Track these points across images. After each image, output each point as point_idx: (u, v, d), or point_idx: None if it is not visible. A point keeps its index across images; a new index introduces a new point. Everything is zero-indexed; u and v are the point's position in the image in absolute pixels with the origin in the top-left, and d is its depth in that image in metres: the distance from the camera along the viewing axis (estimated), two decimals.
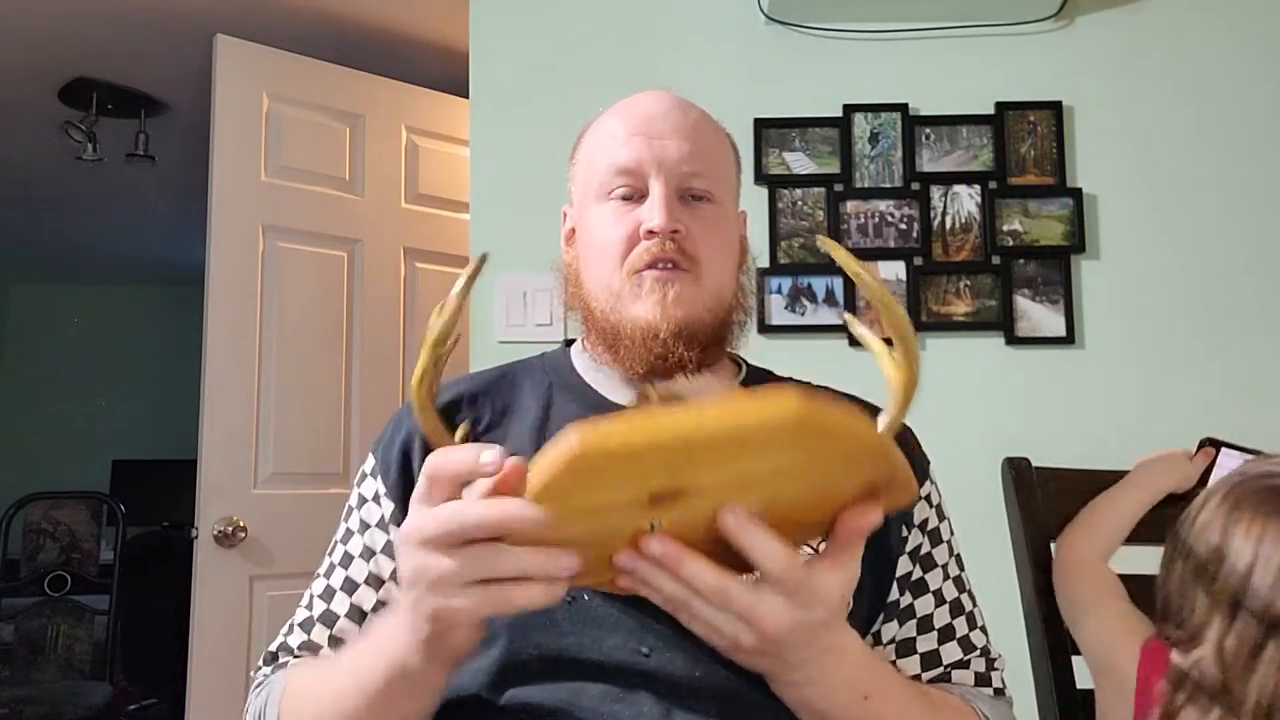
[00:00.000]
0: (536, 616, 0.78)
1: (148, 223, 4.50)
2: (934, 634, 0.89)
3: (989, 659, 0.90)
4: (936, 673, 0.88)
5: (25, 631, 3.27)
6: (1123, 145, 1.97)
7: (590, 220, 0.92)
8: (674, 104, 0.93)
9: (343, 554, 0.90)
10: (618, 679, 0.78)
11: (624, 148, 0.90)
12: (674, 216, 0.87)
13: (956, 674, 0.88)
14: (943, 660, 0.88)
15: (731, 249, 0.93)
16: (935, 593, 0.90)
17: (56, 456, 5.11)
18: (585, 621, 0.79)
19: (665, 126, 0.90)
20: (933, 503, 0.94)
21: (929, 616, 0.89)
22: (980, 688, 0.89)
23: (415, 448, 0.89)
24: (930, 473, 0.95)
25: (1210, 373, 1.90)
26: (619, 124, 0.92)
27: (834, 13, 1.97)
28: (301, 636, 0.87)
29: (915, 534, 0.91)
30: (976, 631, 0.91)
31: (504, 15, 2.02)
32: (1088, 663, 1.06)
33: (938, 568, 0.91)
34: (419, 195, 2.69)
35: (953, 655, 0.89)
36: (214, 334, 2.36)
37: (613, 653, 0.78)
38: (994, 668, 0.91)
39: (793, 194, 1.94)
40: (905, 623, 0.89)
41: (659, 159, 0.89)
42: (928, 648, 0.88)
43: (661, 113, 0.91)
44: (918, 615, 0.89)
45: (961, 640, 0.89)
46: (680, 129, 0.90)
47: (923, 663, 0.88)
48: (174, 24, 2.59)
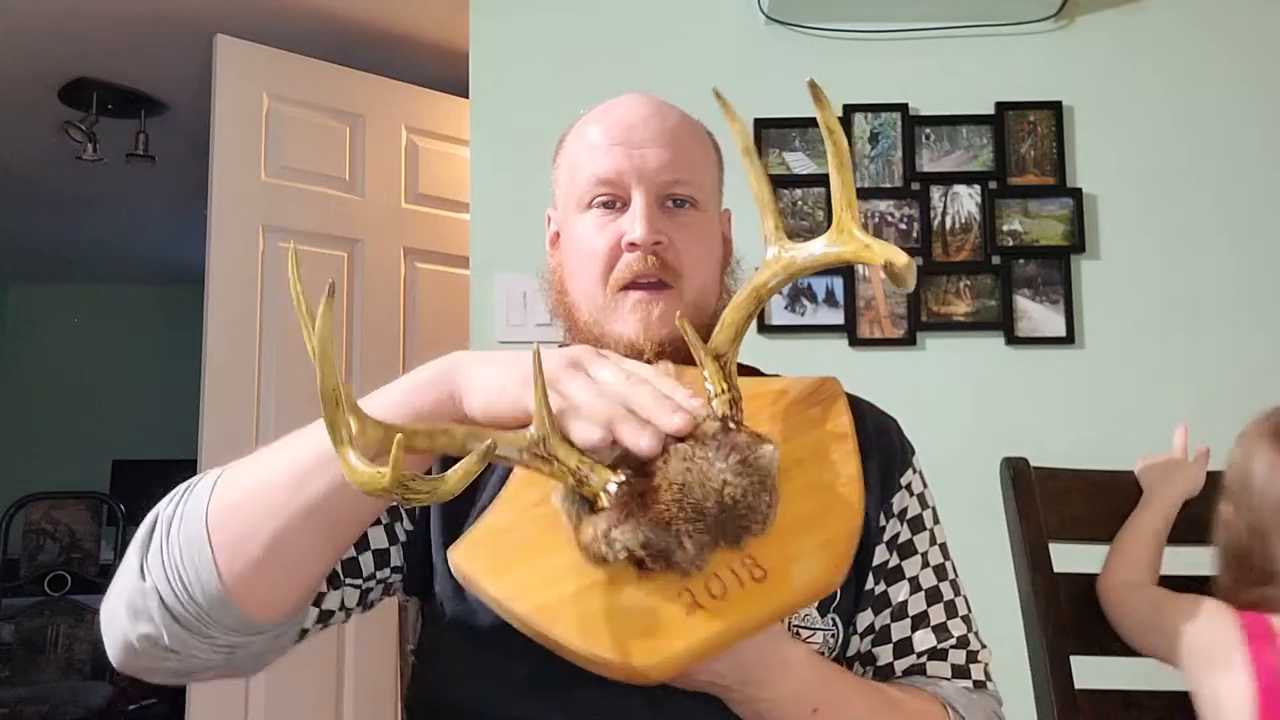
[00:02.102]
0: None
1: (148, 223, 4.50)
2: (907, 621, 0.88)
3: (969, 651, 0.89)
4: (910, 661, 0.88)
5: (25, 631, 3.28)
6: (1123, 145, 1.97)
7: (573, 229, 0.93)
8: (653, 110, 0.93)
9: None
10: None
11: (604, 157, 0.90)
12: (655, 228, 0.88)
13: (932, 665, 0.87)
14: (915, 648, 0.88)
15: (714, 254, 0.94)
16: (911, 580, 0.90)
17: (56, 456, 5.11)
18: None
19: (645, 135, 0.91)
20: (914, 491, 0.94)
21: (904, 604, 0.89)
22: (958, 679, 0.87)
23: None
24: (914, 462, 0.95)
25: (1210, 373, 1.90)
26: (599, 132, 0.92)
27: (834, 13, 1.97)
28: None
29: (894, 523, 0.91)
30: (956, 620, 0.90)
31: (504, 15, 2.02)
32: (1180, 663, 1.03)
33: (916, 555, 0.91)
34: (419, 195, 2.69)
35: (925, 643, 0.88)
36: (214, 334, 2.35)
37: None
38: (975, 660, 0.89)
39: (793, 194, 1.94)
40: (880, 611, 0.89)
41: (639, 169, 0.89)
42: (901, 635, 0.88)
43: (641, 120, 0.92)
44: (892, 603, 0.89)
45: (937, 628, 0.88)
46: (659, 136, 0.91)
47: (895, 651, 0.88)
48: (174, 24, 2.59)
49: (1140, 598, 1.09)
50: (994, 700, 0.89)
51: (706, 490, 0.62)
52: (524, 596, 0.65)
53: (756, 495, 0.63)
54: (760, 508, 0.63)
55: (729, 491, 0.62)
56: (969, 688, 0.87)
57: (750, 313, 0.72)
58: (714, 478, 0.62)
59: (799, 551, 0.66)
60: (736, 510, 0.62)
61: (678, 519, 0.62)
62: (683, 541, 0.62)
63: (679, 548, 0.62)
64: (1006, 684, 0.92)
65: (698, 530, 0.62)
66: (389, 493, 0.59)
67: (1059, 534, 1.18)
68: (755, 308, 0.72)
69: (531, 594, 0.65)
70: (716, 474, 0.62)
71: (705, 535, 0.62)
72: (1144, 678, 1.14)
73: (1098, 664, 1.14)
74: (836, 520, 0.68)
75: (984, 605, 0.95)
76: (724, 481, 0.62)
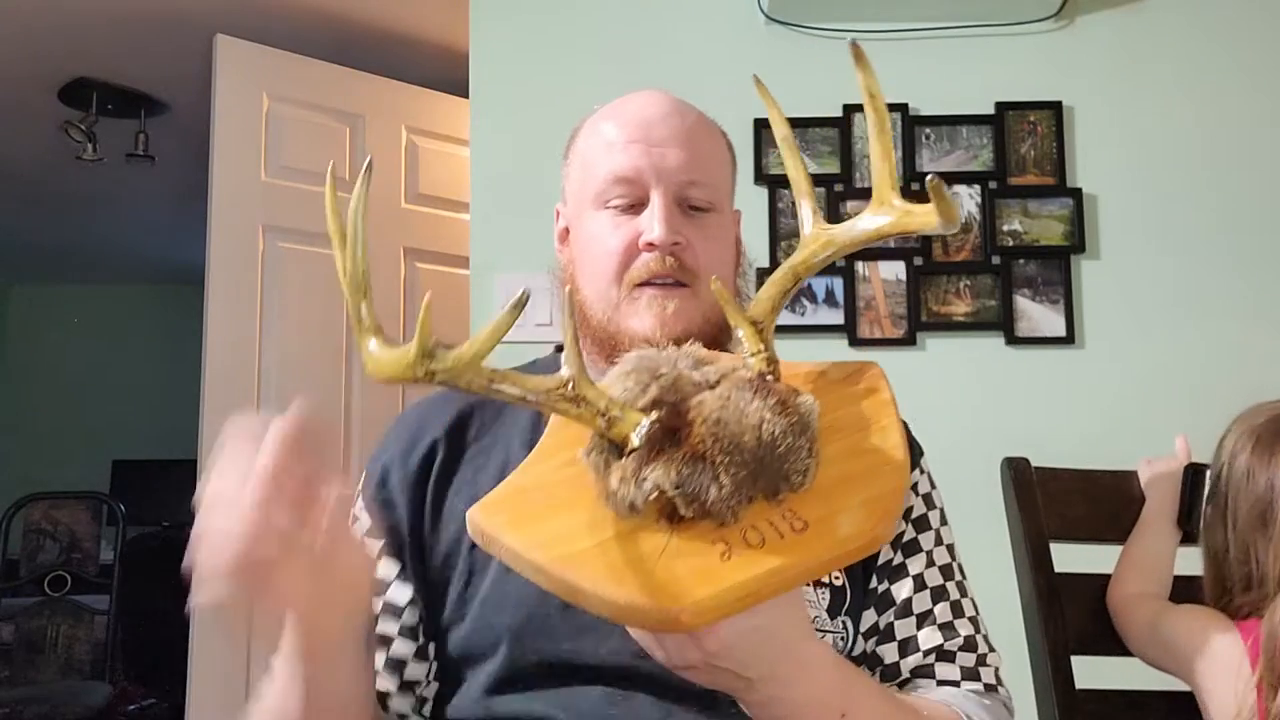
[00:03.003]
0: (532, 624, 0.79)
1: (148, 223, 4.50)
2: (912, 619, 0.86)
3: (979, 654, 0.87)
4: (916, 660, 0.86)
5: (25, 631, 3.27)
6: (1123, 145, 1.97)
7: (587, 227, 0.91)
8: (672, 108, 0.91)
9: None
10: (616, 682, 0.78)
11: (622, 155, 0.88)
12: (674, 229, 0.86)
13: (940, 667, 0.85)
14: (920, 646, 0.86)
15: (729, 257, 0.93)
16: (915, 578, 0.88)
17: (56, 456, 5.11)
18: (581, 627, 0.78)
19: (664, 133, 0.89)
20: (919, 491, 0.92)
21: (908, 601, 0.87)
22: (968, 682, 0.85)
23: (393, 476, 0.88)
24: (922, 463, 0.93)
25: (1210, 372, 1.90)
26: (616, 129, 0.90)
27: (834, 13, 1.97)
28: None
29: (899, 522, 0.89)
30: (964, 621, 0.88)
31: (504, 15, 2.02)
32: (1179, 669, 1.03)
33: (921, 553, 0.89)
34: (419, 195, 2.69)
35: (931, 641, 0.86)
36: (214, 334, 2.36)
37: (609, 657, 0.78)
38: (984, 663, 0.87)
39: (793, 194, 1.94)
40: (884, 610, 0.87)
41: (658, 168, 0.87)
42: (905, 633, 0.86)
43: (660, 118, 0.90)
44: (896, 600, 0.87)
45: (943, 626, 0.86)
46: (678, 135, 0.89)
47: (900, 649, 0.86)
48: (174, 24, 2.59)
49: (1144, 610, 1.08)
50: (1005, 709, 0.87)
51: (744, 425, 0.58)
52: (545, 546, 0.61)
53: (797, 437, 0.60)
54: (800, 453, 0.60)
55: (767, 428, 0.58)
56: (980, 691, 0.86)
57: (787, 289, 0.70)
58: (752, 414, 0.59)
59: (842, 506, 0.62)
60: (775, 449, 0.59)
61: (713, 452, 0.58)
62: (719, 477, 0.58)
63: (714, 484, 0.58)
64: (1007, 684, 0.92)
65: (735, 465, 0.58)
66: (413, 369, 0.58)
67: (1060, 534, 1.18)
68: (792, 285, 0.71)
69: (553, 545, 0.61)
70: (755, 410, 0.59)
71: (743, 471, 0.58)
72: (1144, 678, 1.14)
73: (1098, 664, 1.14)
74: (881, 479, 0.65)
75: (984, 605, 0.94)
76: (762, 418, 0.59)
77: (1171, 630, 1.03)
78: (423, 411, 0.93)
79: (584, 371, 0.62)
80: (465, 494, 0.85)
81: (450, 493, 0.87)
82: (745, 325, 0.68)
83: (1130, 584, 1.11)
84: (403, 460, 0.88)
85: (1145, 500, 1.17)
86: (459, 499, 0.86)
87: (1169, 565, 1.13)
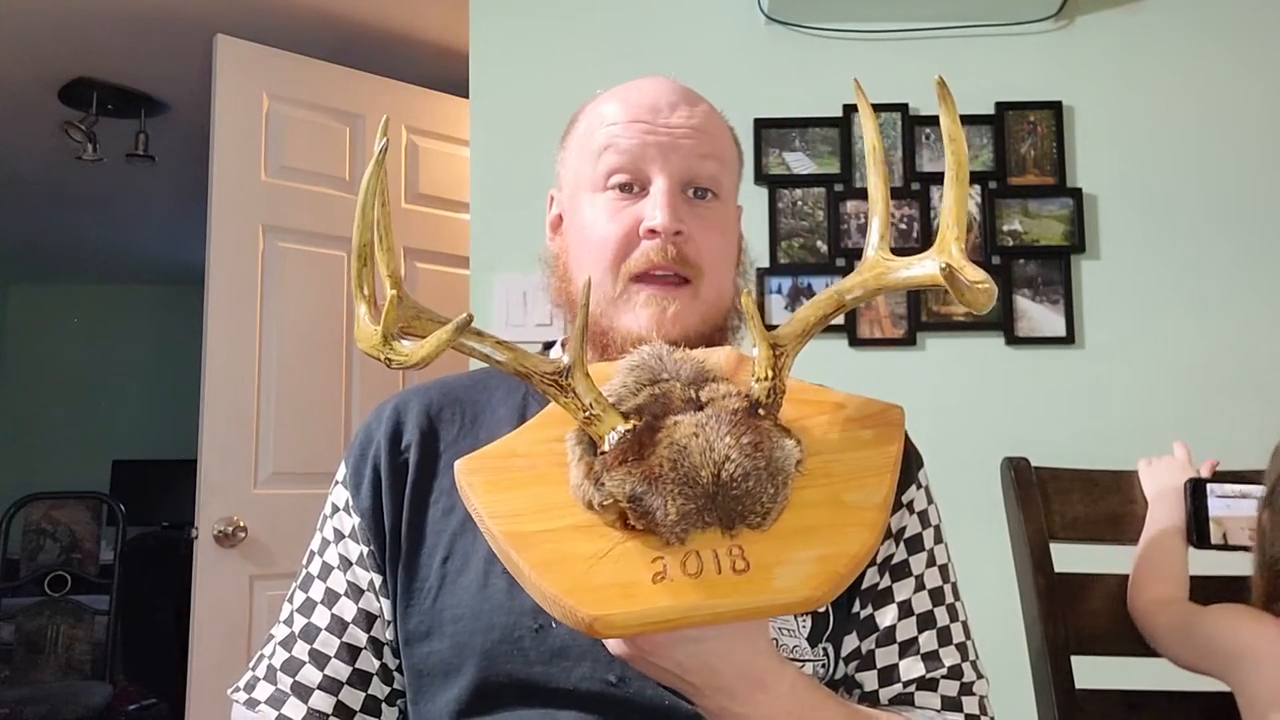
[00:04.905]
0: (504, 646, 0.77)
1: (148, 223, 4.50)
2: (894, 647, 0.81)
3: (963, 682, 0.82)
4: (895, 690, 0.81)
5: (25, 631, 3.27)
6: (1123, 145, 1.97)
7: (584, 212, 0.85)
8: (681, 94, 0.86)
9: (320, 565, 0.87)
10: (589, 707, 0.75)
11: (624, 135, 0.83)
12: (677, 216, 0.81)
13: (920, 695, 0.80)
14: (901, 676, 0.81)
15: (731, 251, 0.88)
16: (901, 604, 0.82)
17: (56, 456, 5.11)
18: (553, 651, 0.76)
19: (671, 116, 0.84)
20: (915, 509, 0.86)
21: (891, 629, 0.82)
22: (948, 712, 0.80)
23: (384, 464, 0.86)
24: (920, 477, 0.88)
25: (1210, 372, 1.90)
26: (619, 109, 0.85)
27: (834, 13, 1.97)
28: (284, 655, 0.84)
29: (889, 544, 0.84)
30: (949, 649, 0.82)
31: (504, 15, 2.02)
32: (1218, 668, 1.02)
33: (910, 577, 0.83)
34: (419, 195, 2.69)
35: (913, 671, 0.81)
36: (214, 334, 2.36)
37: (581, 682, 0.76)
38: (969, 691, 0.82)
39: (793, 194, 1.94)
40: (865, 636, 0.82)
41: (663, 150, 0.82)
42: (886, 662, 0.81)
43: (667, 102, 0.85)
44: (879, 628, 0.82)
45: (927, 656, 0.81)
46: (686, 120, 0.84)
47: (880, 678, 0.81)
48: (174, 24, 2.59)
49: (1173, 613, 1.07)
50: None
51: (705, 459, 0.59)
52: (506, 517, 0.63)
53: (760, 483, 0.59)
54: (761, 498, 0.60)
55: (729, 468, 0.59)
56: None
57: (826, 314, 0.68)
58: (718, 450, 0.59)
59: (792, 557, 0.61)
60: (732, 490, 0.59)
61: (668, 478, 0.59)
62: (668, 503, 0.58)
63: (663, 508, 0.58)
64: (1007, 684, 0.92)
65: (685, 497, 0.59)
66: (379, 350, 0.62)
67: (1060, 534, 1.18)
68: (833, 311, 0.68)
69: (514, 519, 0.63)
70: (722, 447, 0.59)
71: (691, 505, 0.59)
72: (1144, 678, 1.14)
73: (1098, 664, 1.14)
74: (845, 541, 0.63)
75: (984, 605, 0.94)
76: (726, 457, 0.59)
77: (1211, 631, 1.02)
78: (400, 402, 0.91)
79: (583, 364, 0.62)
80: (443, 504, 0.83)
81: (430, 501, 0.84)
82: (763, 346, 0.66)
83: (1152, 588, 1.10)
84: (389, 458, 0.86)
85: (1149, 505, 1.16)
86: (436, 509, 0.84)
87: (1186, 568, 1.12)
